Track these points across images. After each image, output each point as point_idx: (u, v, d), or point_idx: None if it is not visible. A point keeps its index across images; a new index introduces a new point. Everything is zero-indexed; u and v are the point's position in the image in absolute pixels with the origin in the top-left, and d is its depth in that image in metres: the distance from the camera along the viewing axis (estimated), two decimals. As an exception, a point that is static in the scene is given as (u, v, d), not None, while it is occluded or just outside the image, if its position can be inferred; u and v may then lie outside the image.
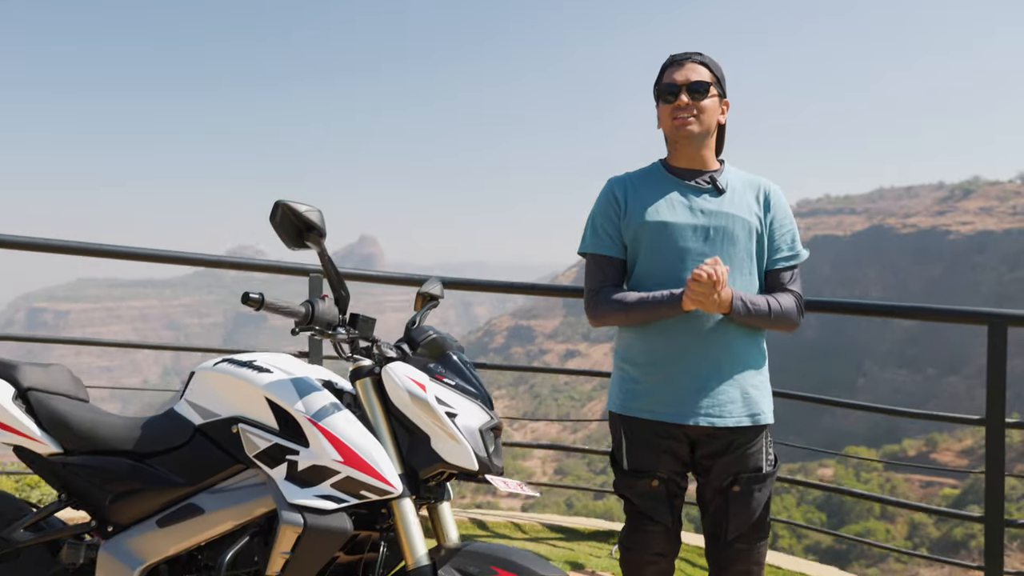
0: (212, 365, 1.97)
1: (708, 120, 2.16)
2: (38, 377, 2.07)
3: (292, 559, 1.75)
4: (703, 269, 1.97)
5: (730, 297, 2.05)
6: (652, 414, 2.13)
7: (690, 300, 2.02)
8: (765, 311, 2.11)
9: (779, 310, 2.14)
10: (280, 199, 1.73)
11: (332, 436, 1.77)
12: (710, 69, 2.18)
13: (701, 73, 2.16)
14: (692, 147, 2.17)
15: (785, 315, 2.15)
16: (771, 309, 2.12)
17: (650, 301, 2.10)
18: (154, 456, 1.94)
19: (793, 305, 2.18)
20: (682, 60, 2.18)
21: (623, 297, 2.14)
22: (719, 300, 2.01)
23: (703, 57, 2.19)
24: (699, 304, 2.02)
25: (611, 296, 2.17)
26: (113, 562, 1.91)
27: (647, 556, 2.17)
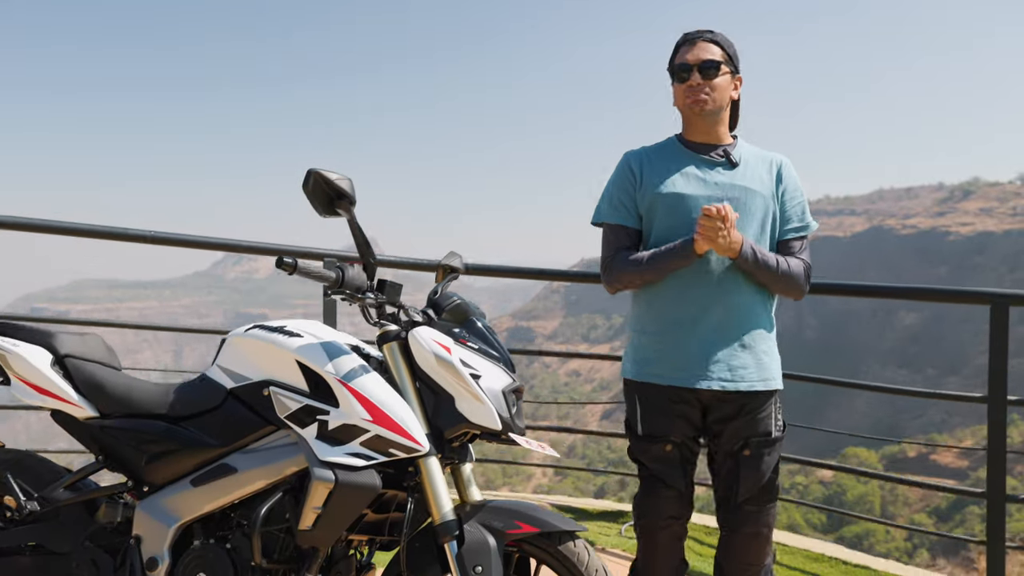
0: (244, 331, 2.05)
1: (720, 97, 2.23)
2: (75, 345, 2.15)
3: (324, 514, 1.82)
4: (712, 205, 2.05)
5: (740, 241, 2.12)
6: (664, 379, 2.21)
7: (701, 238, 2.09)
8: (773, 265, 2.18)
9: (787, 269, 2.21)
10: (312, 167, 1.80)
11: (361, 396, 1.85)
12: (722, 47, 2.24)
13: (713, 52, 2.22)
14: (706, 123, 2.25)
15: (792, 276, 2.22)
16: (779, 265, 2.20)
17: (662, 253, 2.17)
18: (188, 419, 2.01)
19: (801, 270, 2.26)
20: (694, 39, 2.25)
21: (637, 256, 2.22)
22: (729, 240, 2.08)
23: (714, 35, 2.25)
24: (710, 242, 2.08)
25: (626, 257, 2.24)
26: (149, 520, 1.98)
27: (660, 520, 2.24)
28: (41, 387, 2.07)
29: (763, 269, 2.17)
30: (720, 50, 2.23)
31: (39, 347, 2.13)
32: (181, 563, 1.95)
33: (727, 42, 2.25)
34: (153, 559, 1.95)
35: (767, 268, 2.17)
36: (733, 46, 2.26)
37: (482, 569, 1.78)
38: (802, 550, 3.59)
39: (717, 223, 2.05)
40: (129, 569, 1.96)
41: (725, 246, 2.10)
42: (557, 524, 1.84)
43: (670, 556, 2.27)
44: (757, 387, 2.19)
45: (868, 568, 3.36)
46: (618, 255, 2.27)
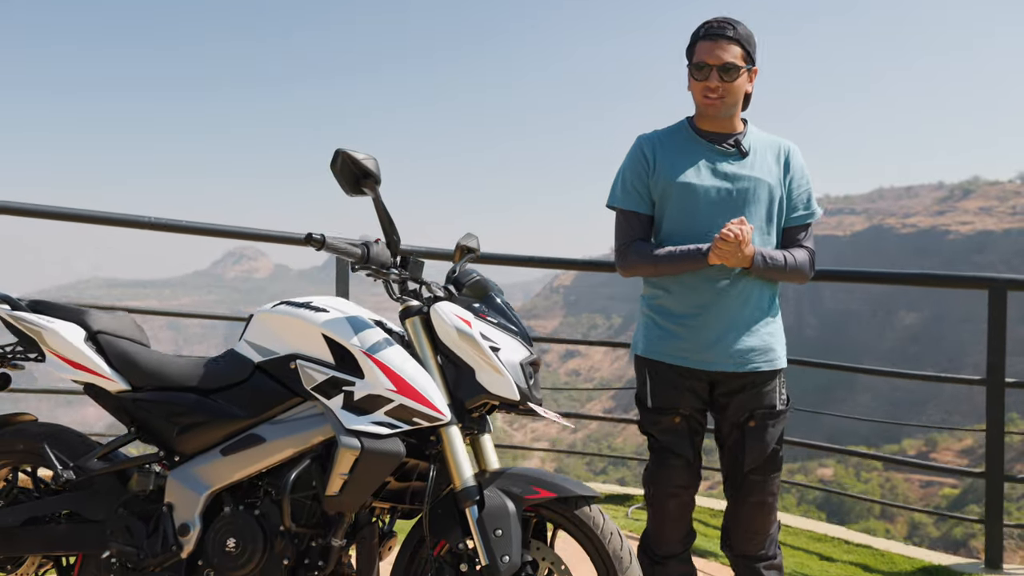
0: (270, 307, 2.13)
1: (736, 97, 2.28)
2: (106, 322, 2.23)
3: (350, 480, 1.90)
4: (730, 229, 2.13)
5: (752, 253, 2.20)
6: (675, 359, 2.30)
7: (716, 256, 2.17)
8: (781, 264, 2.27)
9: (793, 263, 2.30)
10: (340, 147, 1.89)
11: (386, 368, 1.93)
12: (742, 45, 2.25)
13: (734, 54, 2.23)
14: (719, 116, 2.31)
15: (799, 268, 2.32)
16: (786, 263, 2.28)
17: (677, 255, 2.25)
18: (217, 392, 2.09)
19: (806, 259, 2.35)
20: (716, 36, 2.24)
21: (652, 250, 2.29)
22: (742, 256, 2.17)
23: (736, 31, 2.25)
24: (724, 260, 2.17)
25: (641, 249, 2.32)
26: (181, 488, 2.06)
27: (670, 489, 2.32)
28: (76, 362, 2.15)
29: (773, 271, 2.26)
30: (741, 50, 2.25)
31: (73, 324, 2.21)
32: (212, 529, 2.03)
33: (747, 36, 2.27)
34: (185, 525, 2.03)
35: (777, 269, 2.27)
36: (753, 38, 2.30)
37: (502, 532, 1.86)
38: (805, 531, 3.67)
39: (733, 246, 2.14)
40: (162, 535, 2.04)
41: (738, 261, 2.18)
42: (573, 489, 1.92)
43: (679, 524, 2.35)
44: (763, 368, 2.27)
45: (869, 547, 3.44)
46: (633, 245, 2.34)
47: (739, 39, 2.26)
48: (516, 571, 1.86)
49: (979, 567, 3.26)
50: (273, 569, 1.99)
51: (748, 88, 2.33)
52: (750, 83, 2.33)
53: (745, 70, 2.28)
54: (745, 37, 2.28)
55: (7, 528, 2.16)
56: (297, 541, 2.00)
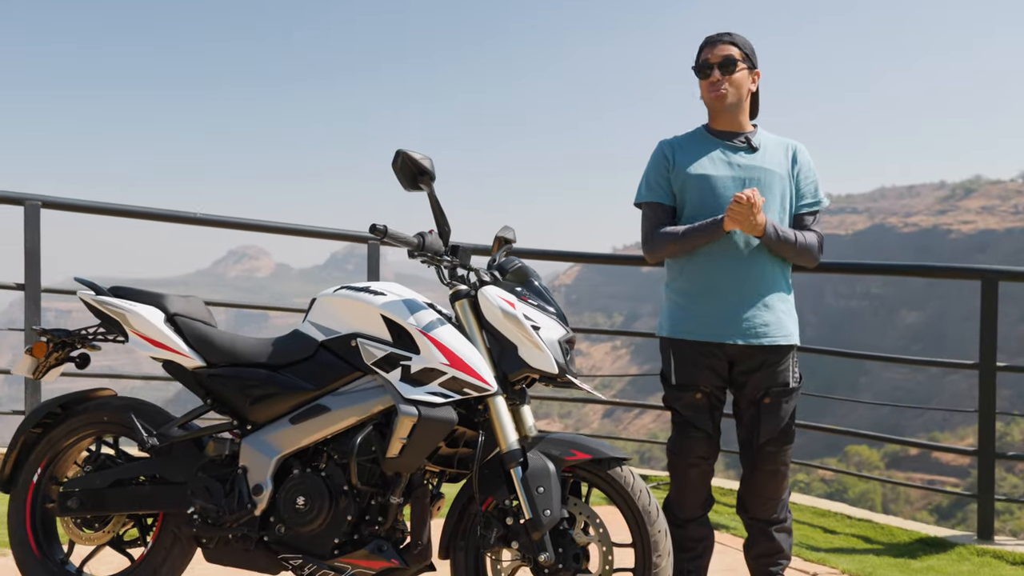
0: (332, 292, 2.37)
1: (739, 90, 2.55)
2: (182, 305, 2.47)
3: (408, 443, 2.14)
4: (743, 193, 2.38)
5: (764, 222, 2.44)
6: (695, 335, 2.53)
7: (730, 219, 2.41)
8: (792, 240, 2.52)
9: (803, 242, 2.55)
10: (400, 148, 2.13)
11: (440, 344, 2.17)
12: (739, 47, 2.55)
13: (731, 51, 2.53)
14: (729, 113, 2.57)
15: (808, 247, 2.57)
16: (796, 239, 2.54)
17: (697, 228, 2.50)
18: (285, 367, 2.33)
19: (815, 241, 2.60)
20: (715, 42, 2.57)
21: (674, 230, 2.55)
22: (755, 222, 2.41)
23: (732, 37, 2.56)
24: (738, 224, 2.41)
25: (664, 231, 2.57)
26: (254, 453, 2.31)
27: (691, 459, 2.57)
28: (157, 341, 2.40)
29: (784, 244, 2.50)
30: (737, 49, 2.55)
31: (153, 307, 2.45)
32: (283, 489, 2.27)
33: (744, 42, 2.58)
34: (258, 486, 2.27)
35: (787, 243, 2.50)
36: (750, 45, 2.59)
37: (543, 490, 2.10)
38: (810, 507, 3.92)
39: (746, 208, 2.38)
40: (238, 494, 2.28)
41: (751, 227, 2.42)
42: (607, 452, 2.16)
43: (699, 491, 2.59)
44: (778, 342, 2.51)
45: (870, 522, 3.69)
46: (656, 230, 2.60)
47: (735, 43, 2.56)
48: (555, 524, 2.10)
49: (972, 538, 3.50)
50: (337, 525, 2.23)
51: (751, 86, 2.59)
52: (753, 83, 2.60)
53: (745, 67, 2.55)
54: (741, 42, 2.57)
55: (96, 490, 2.41)
56: (359, 500, 2.24)
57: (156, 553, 2.41)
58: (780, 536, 2.60)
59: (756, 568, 2.63)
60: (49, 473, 2.52)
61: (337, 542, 2.23)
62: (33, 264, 3.67)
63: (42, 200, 3.66)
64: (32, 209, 3.66)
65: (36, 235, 3.65)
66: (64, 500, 2.42)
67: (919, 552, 3.38)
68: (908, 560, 3.27)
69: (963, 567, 3.22)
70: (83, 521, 2.44)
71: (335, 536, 2.23)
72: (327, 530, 2.23)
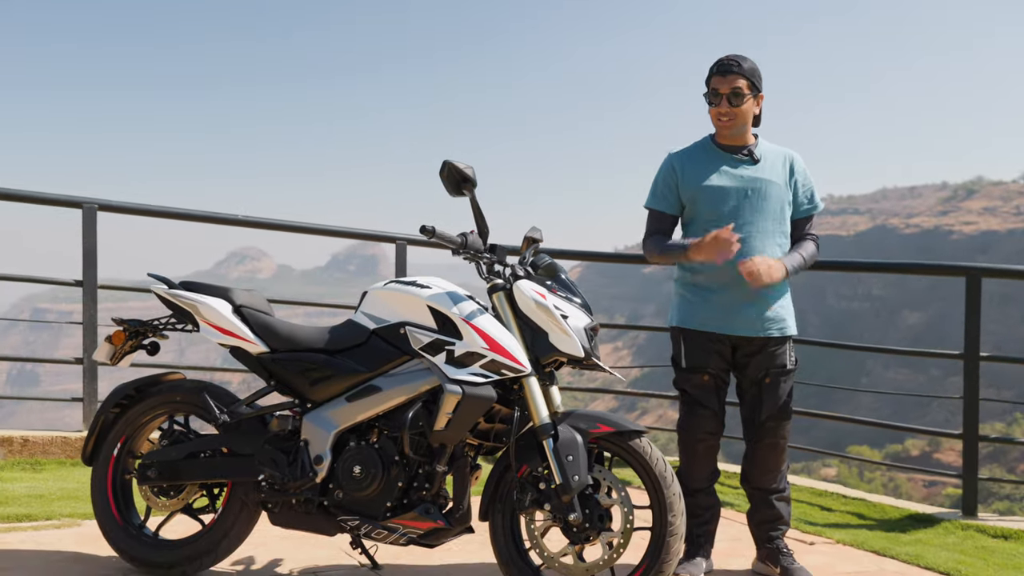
0: (382, 286, 2.67)
1: (744, 118, 2.83)
2: (246, 298, 2.77)
3: (453, 418, 2.43)
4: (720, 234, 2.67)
5: (782, 268, 2.77)
6: (704, 326, 2.84)
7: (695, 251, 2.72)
8: (802, 262, 2.86)
9: (809, 255, 2.90)
10: (447, 159, 2.44)
11: (480, 331, 2.47)
12: (747, 78, 2.80)
13: (740, 84, 2.78)
14: (733, 134, 2.86)
15: (813, 257, 2.92)
16: (805, 260, 2.87)
17: (673, 247, 2.85)
18: (341, 352, 2.63)
19: (815, 248, 2.93)
20: (726, 71, 2.80)
21: (658, 243, 2.89)
22: (773, 277, 2.72)
23: (742, 68, 2.80)
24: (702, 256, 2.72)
25: (655, 240, 2.91)
26: (314, 428, 2.60)
27: (699, 435, 2.86)
28: (226, 329, 2.70)
29: (799, 270, 2.85)
30: (746, 81, 2.80)
31: (221, 299, 2.75)
32: (340, 459, 2.57)
33: (752, 70, 2.82)
34: (319, 456, 2.57)
35: (801, 267, 2.86)
36: (758, 71, 2.84)
37: (572, 458, 2.40)
38: (808, 488, 4.21)
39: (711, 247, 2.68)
40: (300, 464, 2.58)
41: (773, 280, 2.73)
42: (627, 425, 2.46)
43: (707, 463, 2.89)
44: (775, 334, 2.81)
45: (864, 500, 3.98)
46: (651, 237, 2.93)
47: (744, 73, 2.81)
48: (583, 488, 2.40)
49: (957, 515, 3.80)
50: (390, 490, 2.53)
51: (756, 111, 2.88)
52: (757, 107, 2.88)
53: (751, 96, 2.82)
54: (749, 71, 2.82)
55: (172, 461, 2.71)
56: (408, 468, 2.54)
57: (226, 518, 2.71)
58: (780, 504, 2.89)
59: (758, 534, 2.93)
60: (127, 448, 2.83)
61: (389, 505, 2.53)
62: (90, 262, 3.97)
63: (99, 203, 3.96)
64: (89, 212, 3.97)
65: (93, 236, 3.95)
66: (144, 470, 2.72)
67: (908, 527, 3.67)
68: (898, 534, 3.57)
69: (948, 539, 3.51)
70: (160, 489, 2.74)
71: (387, 500, 2.52)
72: (380, 495, 2.53)
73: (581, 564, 2.44)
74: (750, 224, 2.79)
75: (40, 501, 3.43)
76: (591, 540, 2.43)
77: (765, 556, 2.90)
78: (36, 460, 3.95)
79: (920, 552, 3.25)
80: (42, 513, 3.27)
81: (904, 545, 3.37)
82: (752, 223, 2.79)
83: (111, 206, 4.00)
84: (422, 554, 3.00)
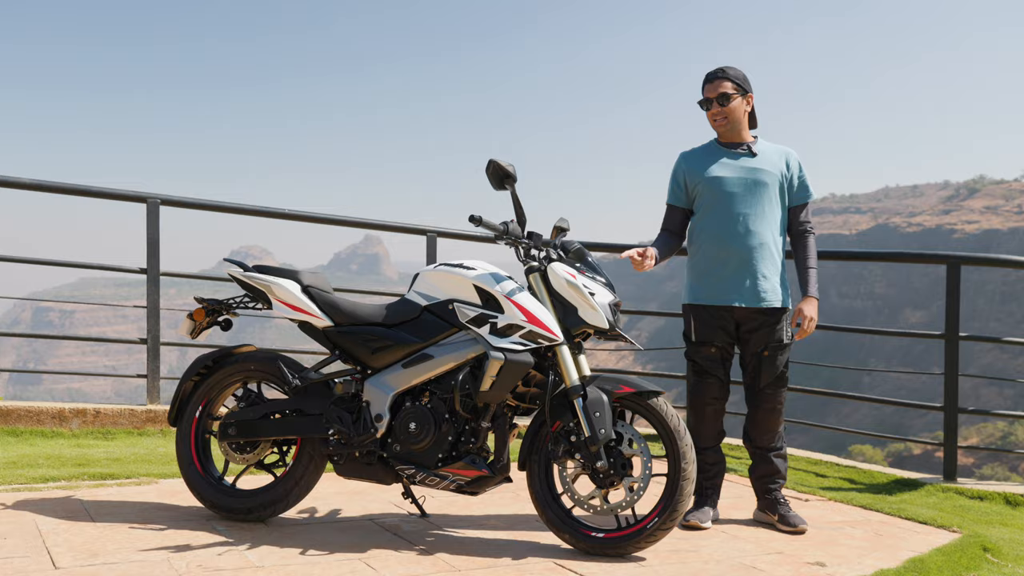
0: (432, 268, 3.08)
1: (735, 116, 3.25)
2: (312, 279, 3.18)
3: (496, 380, 2.84)
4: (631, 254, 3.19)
5: (814, 304, 3.25)
6: (710, 300, 3.25)
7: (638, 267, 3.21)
8: (816, 268, 3.31)
9: (816, 261, 3.33)
10: (492, 158, 2.85)
11: (520, 306, 2.88)
12: (732, 81, 3.23)
13: (726, 87, 3.22)
14: (730, 131, 3.28)
15: (816, 258, 3.34)
16: (816, 266, 3.31)
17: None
18: (397, 325, 3.04)
19: (814, 245, 3.35)
20: (712, 79, 3.25)
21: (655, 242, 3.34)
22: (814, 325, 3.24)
23: (726, 73, 3.24)
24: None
25: (659, 237, 3.37)
26: (374, 390, 3.01)
27: (707, 399, 3.28)
28: (296, 306, 3.10)
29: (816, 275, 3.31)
30: (731, 83, 3.23)
31: (291, 280, 3.16)
32: (398, 417, 2.97)
33: (736, 74, 3.25)
34: (379, 415, 2.98)
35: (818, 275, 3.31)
36: (742, 75, 3.27)
37: (599, 415, 2.80)
38: (804, 457, 4.62)
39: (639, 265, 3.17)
40: (363, 422, 2.98)
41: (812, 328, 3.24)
42: (646, 386, 2.87)
43: (714, 424, 3.30)
44: (773, 304, 3.22)
45: (855, 467, 4.39)
46: (659, 235, 3.37)
47: (728, 78, 3.24)
48: (608, 440, 2.80)
49: (939, 479, 4.21)
50: (441, 443, 2.93)
51: (746, 108, 3.29)
52: (748, 105, 3.29)
53: (738, 96, 3.23)
54: (734, 75, 3.25)
55: (249, 420, 3.11)
56: (457, 424, 2.95)
57: (295, 470, 3.12)
58: (777, 461, 3.30)
59: (759, 487, 3.34)
60: (207, 411, 3.24)
61: (440, 456, 2.93)
62: (153, 252, 4.39)
63: (161, 199, 4.37)
64: (153, 206, 4.38)
65: (156, 228, 4.37)
66: (225, 428, 3.13)
67: (895, 489, 4.08)
68: (885, 496, 3.97)
69: (930, 499, 3.92)
70: (238, 446, 3.15)
71: (439, 452, 2.93)
72: (433, 447, 2.94)
73: (607, 505, 2.85)
74: (749, 209, 3.20)
75: (118, 463, 3.84)
76: (615, 485, 2.83)
77: (764, 506, 3.31)
78: (107, 430, 4.38)
79: (903, 507, 3.65)
80: (122, 473, 3.68)
81: (889, 503, 3.78)
82: (751, 208, 3.20)
83: (172, 201, 4.40)
84: (463, 505, 3.41)
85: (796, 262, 3.33)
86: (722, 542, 3.05)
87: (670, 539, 2.97)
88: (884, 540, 3.15)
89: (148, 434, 4.42)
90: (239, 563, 2.61)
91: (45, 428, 4.25)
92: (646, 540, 2.79)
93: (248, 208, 4.45)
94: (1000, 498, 3.94)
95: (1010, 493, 3.97)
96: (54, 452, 3.96)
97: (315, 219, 4.60)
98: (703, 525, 3.21)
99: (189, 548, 2.73)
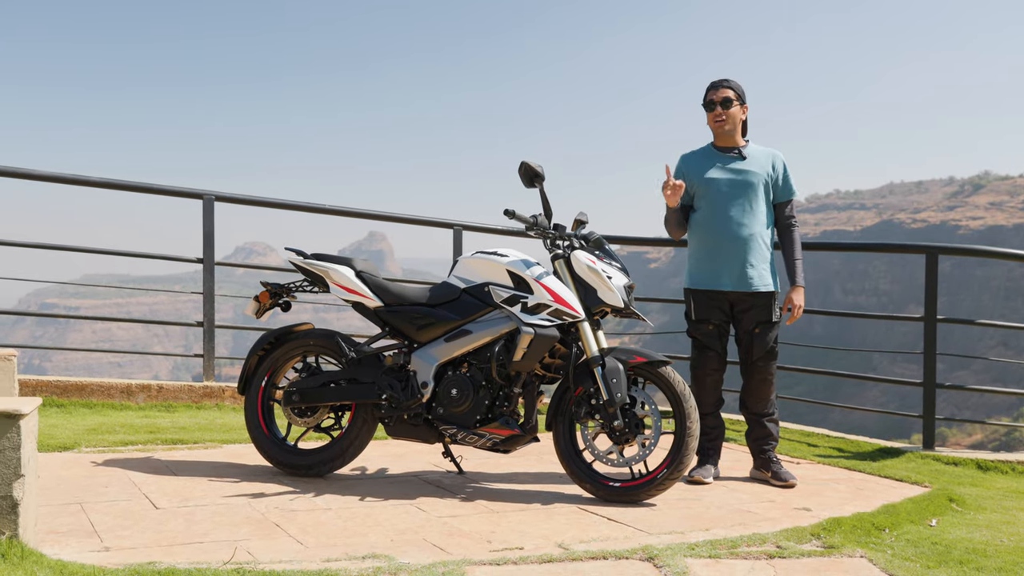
0: (471, 255, 3.55)
1: (734, 121, 3.71)
2: (364, 265, 3.64)
3: (527, 352, 3.30)
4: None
5: (801, 293, 3.73)
6: (707, 285, 3.71)
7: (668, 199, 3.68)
8: (802, 265, 3.77)
9: (801, 253, 3.79)
10: (523, 159, 3.31)
11: (547, 288, 3.34)
12: (734, 90, 3.71)
13: (728, 94, 3.70)
14: (727, 135, 3.74)
15: (801, 250, 3.81)
16: (802, 256, 3.77)
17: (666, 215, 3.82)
18: (440, 305, 3.50)
19: (799, 239, 3.80)
20: (718, 87, 3.72)
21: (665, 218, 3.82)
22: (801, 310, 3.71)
23: (729, 83, 3.72)
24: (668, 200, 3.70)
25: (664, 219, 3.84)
26: (420, 361, 3.47)
27: (707, 370, 3.74)
28: (351, 289, 3.57)
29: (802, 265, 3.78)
30: (733, 92, 3.71)
31: (345, 266, 3.62)
32: (441, 384, 3.43)
33: (738, 86, 3.73)
34: (424, 382, 3.44)
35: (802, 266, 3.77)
36: (741, 87, 3.75)
37: (616, 381, 3.26)
38: (796, 429, 5.08)
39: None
40: (411, 388, 3.44)
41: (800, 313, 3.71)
42: (656, 356, 3.33)
43: (713, 393, 3.77)
44: (761, 289, 3.67)
45: (843, 438, 4.86)
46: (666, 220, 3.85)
47: (731, 87, 3.72)
48: (623, 403, 3.26)
49: (918, 448, 4.66)
50: (479, 407, 3.39)
51: (743, 116, 3.76)
52: (744, 113, 3.76)
53: (738, 104, 3.71)
54: (735, 87, 3.73)
55: (310, 388, 3.58)
56: (492, 390, 3.41)
57: (351, 431, 3.58)
58: (770, 425, 3.77)
59: (754, 448, 3.80)
60: (271, 381, 3.70)
61: (478, 418, 3.40)
62: (209, 243, 4.86)
63: (215, 195, 4.84)
64: (208, 202, 4.85)
65: (211, 222, 4.83)
66: (289, 395, 3.59)
67: (878, 457, 4.53)
68: (869, 462, 4.42)
69: (909, 465, 4.37)
70: (300, 411, 3.61)
71: (477, 414, 3.39)
72: (471, 410, 3.40)
73: (622, 459, 3.30)
74: (740, 206, 3.65)
75: (184, 431, 4.31)
76: (630, 442, 3.30)
77: (759, 464, 3.78)
78: (168, 404, 4.85)
79: (883, 469, 4.11)
80: (189, 439, 4.15)
81: (872, 466, 4.24)
82: (741, 205, 3.65)
83: (225, 197, 4.87)
84: (494, 464, 3.88)
85: (784, 255, 3.79)
86: (722, 493, 3.52)
87: (677, 490, 3.44)
88: (863, 493, 3.61)
89: (206, 407, 4.89)
90: (309, 506, 3.08)
91: (115, 401, 4.73)
92: (656, 489, 3.26)
93: (298, 204, 4.90)
94: (972, 463, 4.39)
95: (982, 459, 4.42)
96: (126, 422, 4.44)
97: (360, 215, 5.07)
98: (706, 480, 3.67)
99: (264, 495, 3.20)
